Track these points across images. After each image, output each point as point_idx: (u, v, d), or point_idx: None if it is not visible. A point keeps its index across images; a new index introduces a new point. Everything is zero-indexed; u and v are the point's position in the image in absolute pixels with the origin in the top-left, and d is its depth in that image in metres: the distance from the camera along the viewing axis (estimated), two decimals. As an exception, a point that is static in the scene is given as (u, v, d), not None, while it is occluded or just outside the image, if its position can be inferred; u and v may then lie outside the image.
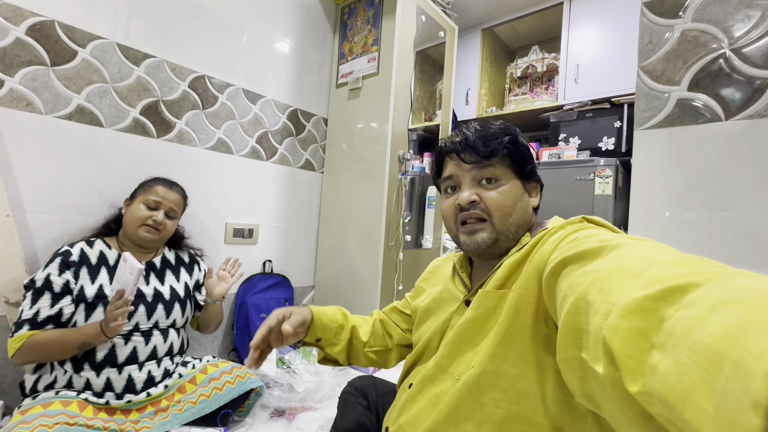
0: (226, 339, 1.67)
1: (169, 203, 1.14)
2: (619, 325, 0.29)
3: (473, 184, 0.62)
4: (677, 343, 0.25)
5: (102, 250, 1.08)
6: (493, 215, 0.60)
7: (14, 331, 0.94)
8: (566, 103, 2.12)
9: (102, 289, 1.03)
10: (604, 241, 0.41)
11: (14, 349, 0.92)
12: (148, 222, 1.09)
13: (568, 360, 0.38)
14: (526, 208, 0.63)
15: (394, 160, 1.75)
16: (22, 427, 0.81)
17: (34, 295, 0.96)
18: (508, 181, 0.62)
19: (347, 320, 0.79)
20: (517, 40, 2.72)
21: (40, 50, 1.15)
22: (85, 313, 1.00)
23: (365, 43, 1.85)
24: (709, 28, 0.82)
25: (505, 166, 0.62)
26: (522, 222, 0.62)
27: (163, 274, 1.17)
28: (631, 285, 0.31)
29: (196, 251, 1.31)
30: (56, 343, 0.94)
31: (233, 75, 1.63)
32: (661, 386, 0.25)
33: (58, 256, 1.01)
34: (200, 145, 1.54)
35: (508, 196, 0.61)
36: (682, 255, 0.34)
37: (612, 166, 1.72)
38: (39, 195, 1.17)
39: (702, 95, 0.83)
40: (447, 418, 0.55)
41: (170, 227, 1.16)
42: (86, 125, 1.25)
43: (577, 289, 0.37)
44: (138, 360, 1.04)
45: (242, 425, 1.16)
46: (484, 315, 0.57)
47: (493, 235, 0.60)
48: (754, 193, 0.77)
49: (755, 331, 0.21)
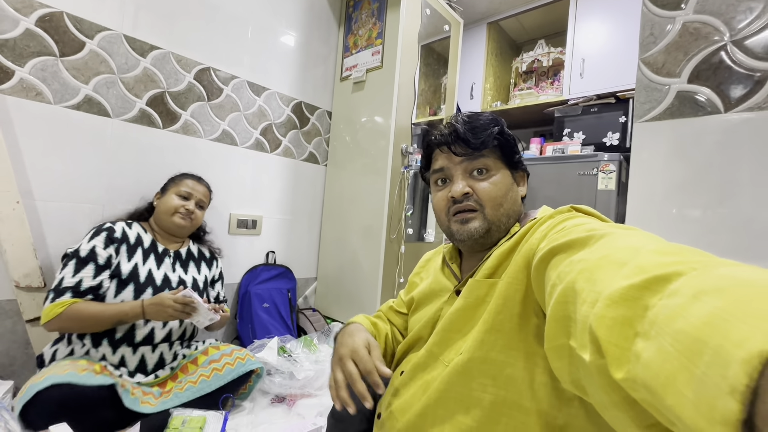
0: (229, 327, 1.70)
1: (199, 194, 1.23)
2: (604, 314, 0.30)
3: (465, 176, 0.63)
4: (660, 332, 0.25)
5: (139, 233, 1.15)
6: (485, 206, 0.61)
7: (53, 297, 0.95)
8: (571, 98, 2.10)
9: (136, 268, 1.08)
10: (592, 230, 0.42)
11: (54, 315, 0.93)
12: (181, 210, 1.17)
13: (556, 348, 0.39)
14: (515, 198, 0.64)
15: (396, 154, 1.75)
16: (56, 368, 0.88)
17: (78, 264, 1.00)
18: (498, 172, 0.62)
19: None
20: (523, 34, 2.70)
21: (49, 41, 1.17)
22: (116, 289, 1.04)
23: (369, 36, 1.86)
24: (710, 19, 0.82)
25: (495, 157, 0.63)
26: (512, 212, 0.63)
27: (187, 265, 1.22)
28: (617, 274, 0.32)
29: (215, 249, 1.36)
30: (95, 316, 0.97)
31: (238, 67, 1.65)
32: (644, 373, 0.25)
33: (104, 230, 1.06)
34: (205, 137, 1.56)
35: (500, 187, 0.61)
36: (667, 244, 0.35)
37: (616, 161, 1.71)
38: (48, 183, 1.20)
39: (702, 87, 0.83)
40: (437, 402, 0.56)
41: (200, 217, 1.23)
42: (94, 115, 1.27)
43: (565, 279, 0.38)
44: (153, 341, 1.09)
45: (243, 409, 1.19)
46: (474, 303, 0.58)
47: (485, 224, 0.61)
48: (753, 186, 0.77)
49: (734, 319, 0.21)
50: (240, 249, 1.71)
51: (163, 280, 1.13)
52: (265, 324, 1.65)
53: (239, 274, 1.72)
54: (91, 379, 0.89)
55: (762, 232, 0.75)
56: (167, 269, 1.16)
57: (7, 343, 1.15)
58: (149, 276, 1.10)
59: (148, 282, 1.09)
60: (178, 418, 0.97)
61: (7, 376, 1.13)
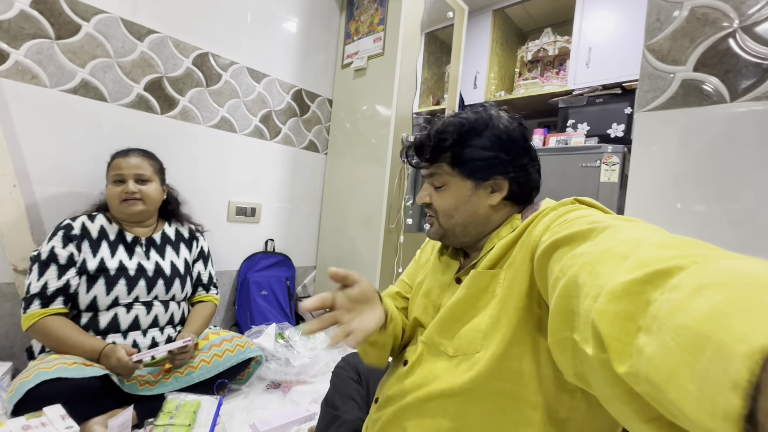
0: (228, 314, 1.71)
1: (132, 170, 1.10)
2: (606, 308, 0.30)
3: (429, 186, 0.66)
4: (662, 326, 0.25)
5: (103, 225, 1.11)
6: (438, 216, 0.64)
7: (24, 307, 0.97)
8: (576, 88, 2.06)
9: (103, 262, 1.06)
10: (594, 222, 0.42)
11: (26, 327, 0.96)
12: (123, 196, 1.09)
13: (559, 341, 0.39)
14: (473, 210, 0.62)
15: (397, 143, 1.74)
16: (44, 365, 0.87)
17: (41, 267, 0.99)
18: (453, 185, 0.63)
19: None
20: (529, 22, 2.64)
21: (45, 23, 1.16)
22: (87, 285, 1.03)
23: (371, 22, 1.82)
24: (720, 4, 0.79)
25: (449, 168, 0.63)
26: (470, 221, 0.63)
27: (163, 250, 1.19)
28: (619, 268, 0.32)
29: (197, 226, 1.32)
30: (58, 339, 0.96)
31: (237, 53, 1.63)
32: (647, 367, 0.26)
33: (60, 229, 1.04)
34: (204, 123, 1.55)
35: (450, 201, 0.63)
36: (669, 236, 0.34)
37: (619, 153, 1.68)
38: (45, 167, 1.19)
39: (708, 76, 0.80)
40: (441, 392, 0.56)
41: (151, 192, 1.13)
42: (91, 99, 1.26)
43: (567, 272, 0.38)
44: (141, 327, 1.09)
45: (239, 394, 1.20)
46: (476, 294, 0.57)
47: (440, 231, 0.65)
48: (757, 177, 0.75)
49: (736, 313, 0.21)
50: (239, 236, 1.71)
51: (137, 270, 1.10)
52: (263, 311, 1.66)
53: (238, 262, 1.72)
54: (82, 371, 0.88)
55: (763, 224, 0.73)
56: (140, 258, 1.12)
57: (6, 326, 1.16)
58: (120, 267, 1.08)
59: (120, 274, 1.07)
60: (173, 402, 0.98)
61: (6, 358, 1.15)
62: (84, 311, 1.04)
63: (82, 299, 1.03)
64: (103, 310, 1.05)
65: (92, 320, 1.03)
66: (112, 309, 1.05)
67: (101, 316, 1.04)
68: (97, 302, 1.04)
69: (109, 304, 1.05)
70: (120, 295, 1.06)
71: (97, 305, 1.04)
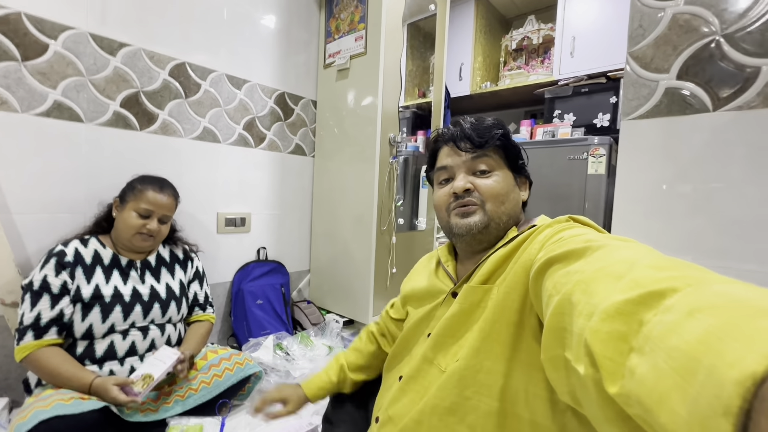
0: (224, 325, 1.71)
1: (162, 210, 1.11)
2: (599, 327, 0.30)
3: (467, 174, 0.64)
4: (654, 348, 0.25)
5: (96, 249, 1.09)
6: (486, 202, 0.61)
7: (17, 338, 0.95)
8: (561, 78, 2.06)
9: (98, 289, 1.04)
10: (589, 241, 0.42)
11: (19, 360, 0.95)
12: (143, 231, 1.08)
13: (552, 358, 0.40)
14: (516, 200, 0.65)
15: (384, 141, 1.72)
16: (40, 402, 0.86)
17: (33, 297, 0.97)
18: (500, 172, 0.64)
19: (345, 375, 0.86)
20: (512, 9, 2.60)
21: (9, 45, 1.11)
22: (82, 313, 1.02)
23: (352, 20, 1.78)
24: (701, 11, 0.79)
25: (498, 158, 0.64)
26: (512, 213, 0.63)
27: (158, 273, 1.17)
28: (613, 288, 0.32)
29: (191, 246, 1.30)
30: (50, 375, 0.95)
31: (215, 60, 1.58)
32: (638, 389, 0.26)
33: (53, 256, 1.02)
34: (186, 136, 1.51)
35: (502, 185, 0.62)
36: (663, 258, 0.34)
37: (606, 145, 1.69)
38: (24, 196, 1.16)
39: (691, 84, 0.80)
40: (433, 409, 0.57)
41: (164, 231, 1.15)
42: (65, 121, 1.22)
43: (561, 290, 0.38)
44: (137, 353, 1.08)
45: (242, 408, 1.21)
46: (468, 309, 0.58)
47: (485, 219, 0.61)
48: (740, 186, 0.76)
49: (728, 338, 0.21)
50: (230, 248, 1.70)
51: (132, 295, 1.09)
52: (259, 320, 1.67)
53: (231, 273, 1.71)
54: (80, 405, 0.87)
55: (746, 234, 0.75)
56: (135, 282, 1.11)
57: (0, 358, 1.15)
58: (116, 294, 1.06)
59: (115, 301, 1.06)
60: (176, 428, 0.99)
61: (2, 391, 1.14)
62: (80, 339, 1.03)
63: (78, 328, 1.01)
64: (99, 338, 1.04)
65: (88, 348, 1.02)
66: (108, 336, 1.05)
67: (97, 344, 1.03)
68: (92, 330, 1.02)
69: (105, 332, 1.04)
70: (116, 322, 1.05)
71: (92, 333, 1.03)
